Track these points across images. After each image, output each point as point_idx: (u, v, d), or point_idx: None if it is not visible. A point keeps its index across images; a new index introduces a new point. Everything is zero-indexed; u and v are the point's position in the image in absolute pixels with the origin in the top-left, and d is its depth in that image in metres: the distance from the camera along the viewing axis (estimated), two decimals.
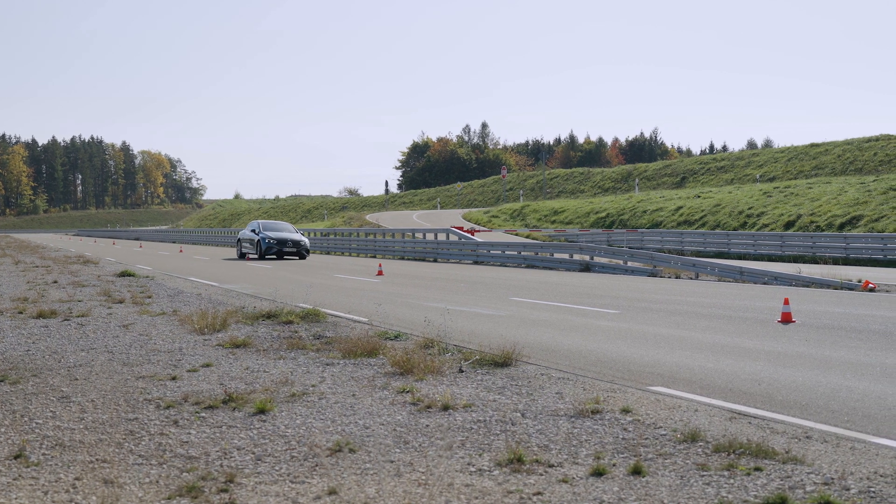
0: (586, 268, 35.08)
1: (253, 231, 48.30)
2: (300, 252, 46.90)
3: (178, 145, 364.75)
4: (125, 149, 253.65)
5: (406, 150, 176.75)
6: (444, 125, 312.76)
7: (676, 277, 30.55)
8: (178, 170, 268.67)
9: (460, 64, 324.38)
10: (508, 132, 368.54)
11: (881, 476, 7.06)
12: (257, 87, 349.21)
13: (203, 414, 9.58)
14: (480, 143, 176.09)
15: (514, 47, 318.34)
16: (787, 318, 16.84)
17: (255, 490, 7.00)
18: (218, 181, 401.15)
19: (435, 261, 45.63)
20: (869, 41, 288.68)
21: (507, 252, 41.28)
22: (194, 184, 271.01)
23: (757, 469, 7.27)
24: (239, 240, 50.37)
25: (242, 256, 48.17)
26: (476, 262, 42.03)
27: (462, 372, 11.87)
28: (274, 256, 46.87)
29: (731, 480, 7.03)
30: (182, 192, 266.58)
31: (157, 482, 7.21)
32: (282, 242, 46.63)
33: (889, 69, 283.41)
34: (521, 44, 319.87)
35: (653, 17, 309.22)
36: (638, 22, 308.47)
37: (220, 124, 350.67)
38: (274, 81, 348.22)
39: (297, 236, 47.45)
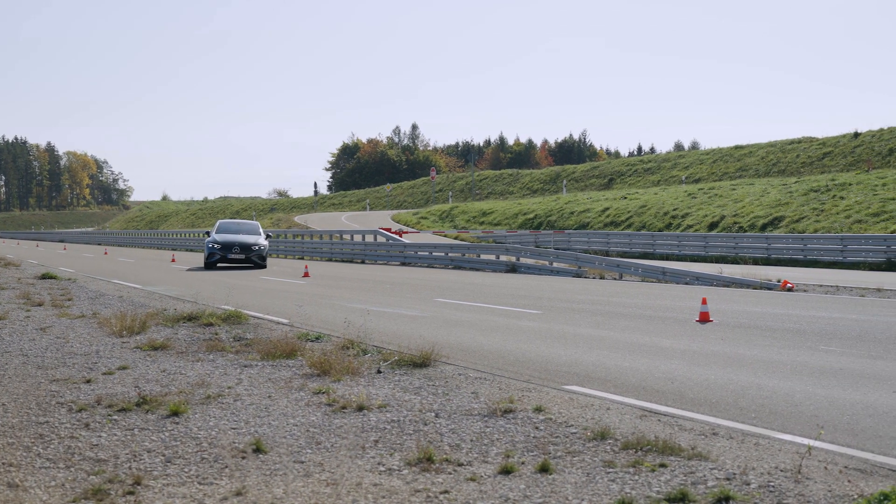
0: (512, 269, 35.28)
1: (207, 234, 41.26)
2: (251, 259, 38.64)
3: (105, 147, 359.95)
4: (50, 150, 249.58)
5: (336, 152, 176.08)
6: (374, 126, 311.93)
7: (601, 278, 30.83)
8: (105, 171, 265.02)
9: (391, 65, 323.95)
10: (439, 134, 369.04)
11: (781, 471, 7.22)
12: (185, 88, 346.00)
13: (115, 417, 9.50)
14: (411, 144, 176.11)
15: (442, 46, 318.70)
16: (704, 318, 17.09)
17: (161, 492, 6.97)
18: (145, 182, 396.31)
19: (363, 262, 45.58)
20: (791, 45, 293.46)
21: (434, 253, 41.36)
22: (121, 185, 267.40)
23: (662, 465, 7.39)
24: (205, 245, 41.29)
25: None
26: (404, 264, 42.05)
27: (380, 373, 11.89)
28: (221, 264, 39.07)
29: (636, 477, 7.14)
30: (108, 193, 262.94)
31: (63, 485, 7.15)
32: (226, 247, 38.28)
33: (811, 73, 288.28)
34: (450, 42, 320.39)
35: (579, 20, 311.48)
36: (565, 25, 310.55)
37: (147, 126, 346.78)
38: (201, 83, 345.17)
39: (250, 238, 39.29)
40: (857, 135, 71.77)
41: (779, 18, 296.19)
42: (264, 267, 38.98)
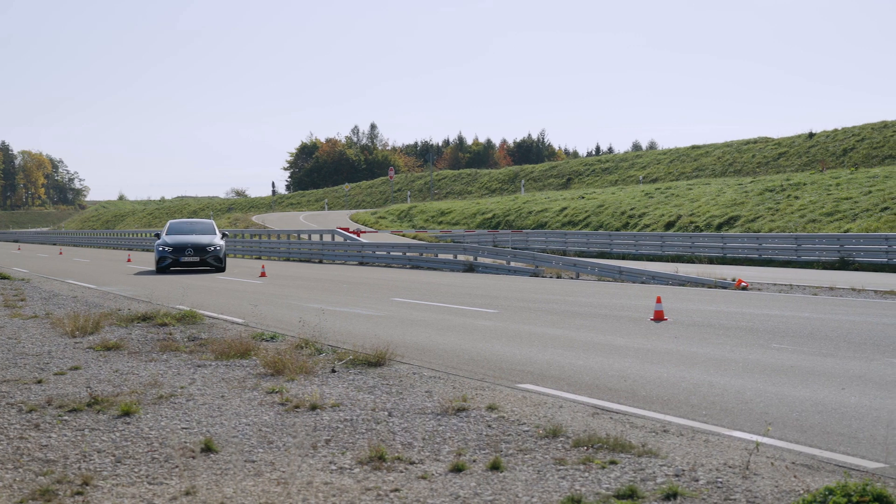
0: (470, 268, 35.32)
1: (157, 236, 37.22)
2: (206, 261, 35.12)
3: (60, 146, 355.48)
4: (4, 149, 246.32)
5: (294, 151, 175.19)
6: (333, 126, 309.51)
7: (558, 277, 30.93)
8: (61, 170, 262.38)
9: (350, 64, 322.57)
10: (398, 133, 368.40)
11: (730, 467, 7.28)
12: (142, 88, 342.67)
13: (66, 417, 9.43)
14: (369, 144, 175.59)
15: (400, 44, 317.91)
16: (659, 317, 17.20)
17: (111, 492, 6.93)
18: (102, 182, 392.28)
19: (321, 262, 45.46)
20: (747, 46, 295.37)
21: (392, 253, 41.33)
22: (77, 185, 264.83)
23: (612, 462, 7.44)
24: (155, 248, 36.85)
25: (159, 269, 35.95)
26: (361, 263, 42.00)
27: (334, 372, 11.88)
28: (174, 268, 35.30)
29: (586, 474, 7.18)
30: (64, 193, 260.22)
31: (11, 486, 7.08)
32: (178, 249, 34.76)
33: (767, 73, 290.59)
34: (408, 41, 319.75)
35: (536, 20, 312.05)
36: (522, 22, 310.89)
37: (104, 126, 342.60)
38: (159, 83, 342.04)
39: (204, 239, 35.64)
40: (811, 135, 72.50)
41: (733, 19, 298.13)
42: (223, 269, 35.41)
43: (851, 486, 6.24)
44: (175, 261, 34.89)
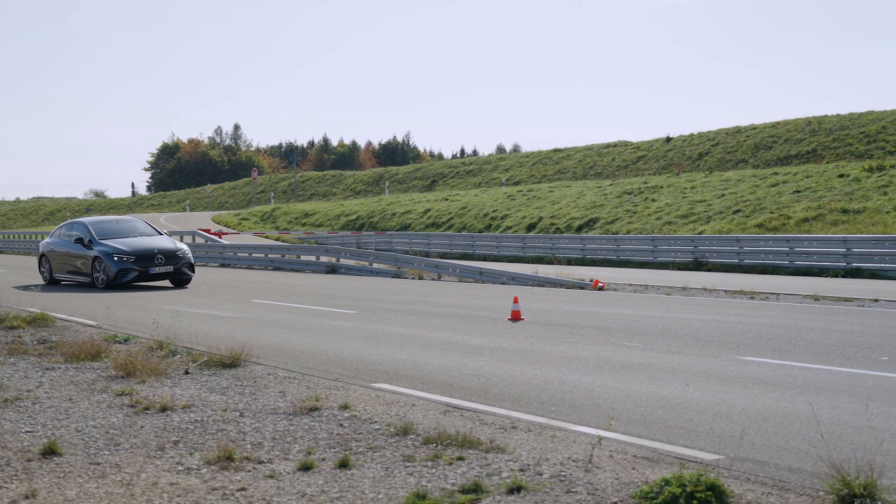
0: (332, 269, 35.25)
1: (80, 241, 27.44)
2: (180, 270, 27.00)
3: None
4: None
5: (156, 152, 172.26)
6: (196, 126, 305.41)
7: (420, 278, 31.06)
8: None
9: (212, 63, 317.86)
10: (262, 134, 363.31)
11: (574, 461, 7.46)
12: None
13: None
14: (233, 144, 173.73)
15: (264, 45, 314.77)
16: (516, 316, 17.43)
17: None
18: None
19: None
20: (608, 51, 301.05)
21: (254, 255, 40.97)
22: None
23: (460, 458, 7.55)
24: (43, 255, 29.01)
25: (55, 282, 28.53)
26: (223, 265, 41.49)
27: (188, 374, 11.76)
28: (140, 283, 27.11)
29: (433, 470, 7.27)
30: None
31: None
32: (145, 258, 26.48)
33: (625, 78, 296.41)
34: (273, 41, 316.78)
35: (403, 23, 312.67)
36: (383, 21, 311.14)
37: None
38: (11, 80, 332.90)
39: (165, 242, 27.57)
40: (669, 139, 74.32)
41: (592, 26, 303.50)
42: (190, 279, 27.60)
43: (686, 477, 6.46)
44: (143, 273, 26.64)
